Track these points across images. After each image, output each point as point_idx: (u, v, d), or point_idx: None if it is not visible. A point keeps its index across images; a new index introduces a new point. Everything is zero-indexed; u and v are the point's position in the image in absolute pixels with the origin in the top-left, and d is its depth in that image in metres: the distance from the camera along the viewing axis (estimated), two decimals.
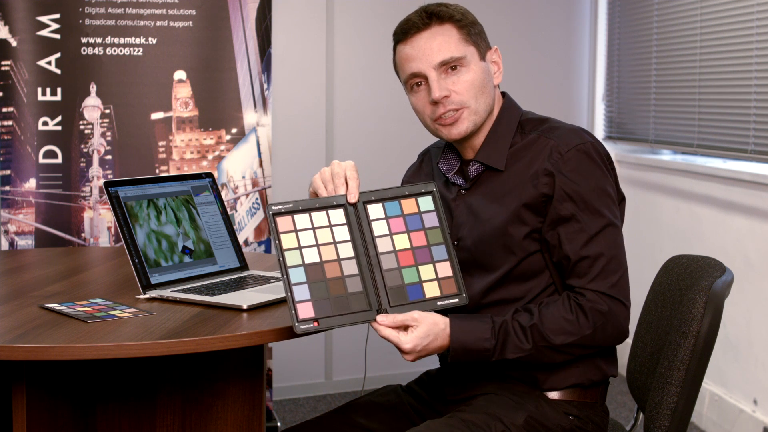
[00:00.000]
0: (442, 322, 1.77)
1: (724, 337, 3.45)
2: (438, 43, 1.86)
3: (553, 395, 1.87)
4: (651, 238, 4.05)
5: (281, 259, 1.75)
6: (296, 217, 1.79)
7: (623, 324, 1.81)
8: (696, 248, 3.62)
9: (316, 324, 1.73)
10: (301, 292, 1.74)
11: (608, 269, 1.80)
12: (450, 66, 1.86)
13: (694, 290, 1.81)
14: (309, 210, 1.80)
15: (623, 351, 2.47)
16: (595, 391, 1.90)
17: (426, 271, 1.80)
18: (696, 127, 3.72)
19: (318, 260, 1.77)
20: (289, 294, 1.73)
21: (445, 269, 1.81)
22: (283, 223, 1.78)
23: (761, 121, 3.30)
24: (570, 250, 1.80)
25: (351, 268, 1.78)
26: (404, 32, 1.89)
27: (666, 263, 2.09)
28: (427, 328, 1.75)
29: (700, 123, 3.69)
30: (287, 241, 1.77)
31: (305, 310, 1.73)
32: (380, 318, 1.75)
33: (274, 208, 1.78)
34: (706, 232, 3.66)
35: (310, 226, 1.79)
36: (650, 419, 1.82)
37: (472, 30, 1.89)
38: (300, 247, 1.77)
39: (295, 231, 1.78)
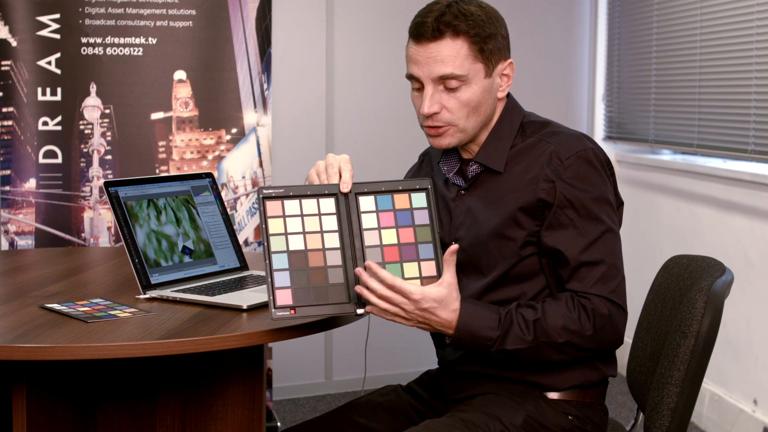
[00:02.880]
0: (457, 301, 1.74)
1: (724, 337, 3.45)
2: (443, 56, 1.82)
3: (552, 395, 1.87)
4: (651, 238, 4.05)
5: (266, 243, 1.74)
6: (286, 202, 1.78)
7: (621, 330, 1.81)
8: (696, 248, 3.61)
9: (292, 312, 1.72)
10: (282, 279, 1.73)
11: (608, 275, 1.79)
12: (449, 81, 1.84)
13: (694, 290, 1.81)
14: (300, 197, 1.79)
15: (623, 351, 2.47)
16: (595, 391, 1.90)
17: (410, 269, 1.78)
18: (696, 127, 3.72)
19: (302, 248, 1.76)
20: (269, 279, 1.72)
21: (430, 268, 1.79)
22: (272, 207, 1.77)
23: (761, 121, 3.30)
24: (570, 256, 1.80)
25: (335, 258, 1.77)
26: (417, 35, 1.84)
27: (666, 263, 2.09)
28: (446, 294, 1.72)
29: (700, 123, 3.69)
30: (274, 226, 1.76)
31: (284, 297, 1.73)
32: (378, 268, 1.70)
33: (264, 191, 1.77)
34: (706, 232, 3.65)
35: (299, 213, 1.78)
36: (650, 419, 1.82)
37: (485, 46, 1.83)
38: (286, 233, 1.76)
39: (283, 216, 1.77)
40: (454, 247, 1.73)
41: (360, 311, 1.75)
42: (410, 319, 1.73)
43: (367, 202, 1.81)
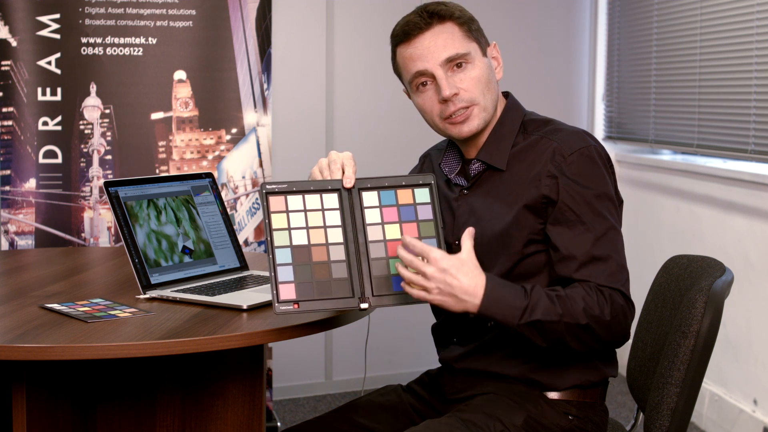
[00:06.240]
0: (479, 269, 1.71)
1: (724, 337, 3.45)
2: (442, 41, 1.85)
3: (553, 395, 1.87)
4: (651, 238, 4.05)
5: (269, 238, 1.74)
6: (289, 197, 1.78)
7: (630, 324, 1.80)
8: (696, 248, 3.61)
9: (295, 306, 1.72)
10: (285, 273, 1.74)
11: (618, 271, 1.79)
12: (456, 63, 1.86)
13: (694, 290, 1.81)
14: (303, 192, 1.79)
15: (623, 351, 2.47)
16: (595, 391, 1.90)
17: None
18: (696, 127, 3.72)
19: (306, 243, 1.76)
20: (272, 274, 1.72)
21: None
22: (275, 202, 1.77)
23: (761, 121, 3.30)
24: (578, 252, 1.78)
25: (338, 253, 1.77)
26: (406, 33, 1.88)
27: (666, 263, 2.09)
28: (466, 260, 1.70)
29: (700, 123, 3.69)
30: (277, 221, 1.76)
31: (287, 292, 1.73)
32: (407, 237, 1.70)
33: (267, 186, 1.78)
34: (706, 232, 3.66)
35: (302, 208, 1.78)
36: (650, 419, 1.82)
37: (471, 26, 1.89)
38: (289, 228, 1.77)
39: (287, 212, 1.77)
40: (472, 229, 1.72)
41: (363, 306, 1.75)
42: (432, 289, 1.68)
43: (370, 198, 1.81)
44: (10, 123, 3.25)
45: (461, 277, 1.69)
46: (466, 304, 1.70)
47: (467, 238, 1.73)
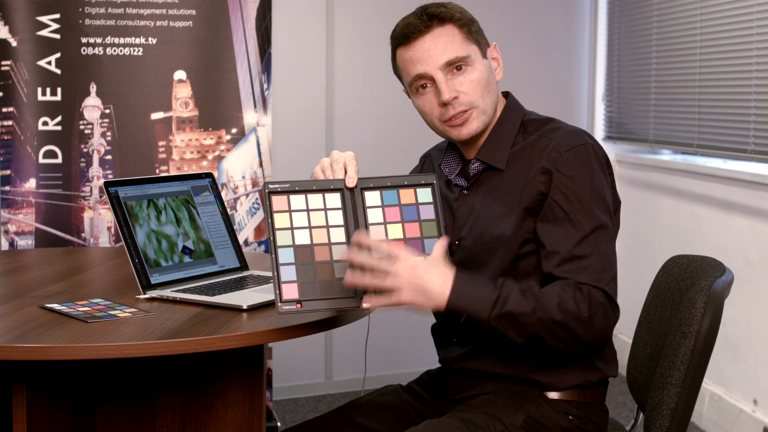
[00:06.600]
0: (448, 267, 1.72)
1: (724, 337, 3.45)
2: (442, 44, 1.85)
3: (553, 395, 1.87)
4: (651, 238, 4.05)
5: (272, 237, 1.74)
6: (292, 197, 1.78)
7: (612, 323, 1.77)
8: (696, 248, 3.61)
9: (298, 306, 1.72)
10: (288, 273, 1.74)
11: (601, 269, 1.78)
12: (456, 66, 1.86)
13: (694, 290, 1.81)
14: (306, 191, 1.79)
15: (623, 351, 2.47)
16: (595, 391, 1.90)
17: None
18: (696, 127, 3.72)
19: (308, 242, 1.77)
20: (275, 273, 1.73)
21: None
22: (278, 201, 1.77)
23: (761, 121, 3.30)
24: (561, 248, 1.78)
25: (341, 253, 1.77)
26: (405, 36, 1.87)
27: (666, 263, 2.09)
28: (432, 259, 1.71)
29: (700, 123, 3.69)
30: (280, 220, 1.76)
31: (290, 291, 1.73)
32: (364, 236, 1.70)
33: (270, 186, 1.77)
34: (706, 232, 3.66)
35: (305, 208, 1.78)
36: (650, 419, 1.82)
37: (471, 28, 1.89)
38: (292, 228, 1.77)
39: (289, 211, 1.78)
40: (447, 237, 1.76)
41: (366, 305, 1.75)
42: (404, 286, 1.68)
43: (372, 197, 1.81)
44: (10, 123, 3.25)
45: (431, 271, 1.69)
46: (436, 300, 1.70)
47: (440, 245, 1.74)
